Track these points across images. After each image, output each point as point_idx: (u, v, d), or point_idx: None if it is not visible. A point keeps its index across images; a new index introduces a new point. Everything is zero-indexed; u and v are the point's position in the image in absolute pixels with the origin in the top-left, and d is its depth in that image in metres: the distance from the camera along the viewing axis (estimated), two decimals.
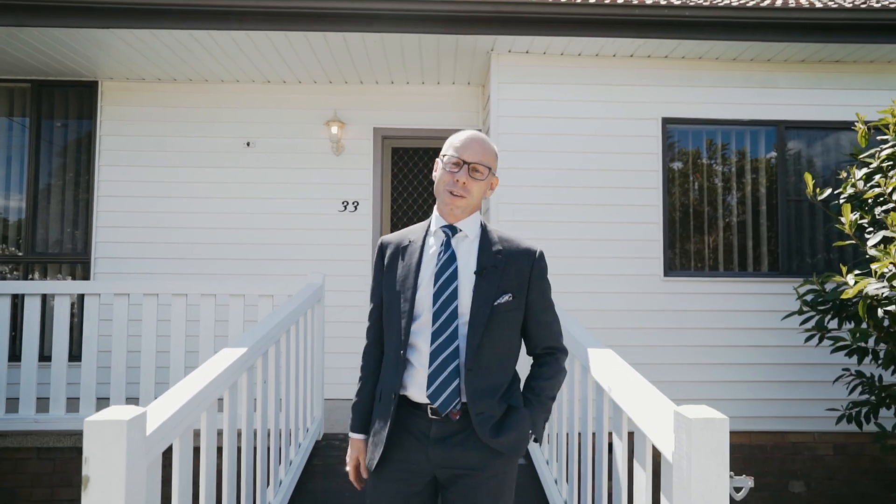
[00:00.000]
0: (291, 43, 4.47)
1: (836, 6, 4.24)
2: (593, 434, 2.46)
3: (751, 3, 4.30)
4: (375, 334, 1.72)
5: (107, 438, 1.37)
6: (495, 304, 1.57)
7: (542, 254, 1.68)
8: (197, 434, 1.91)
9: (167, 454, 1.75)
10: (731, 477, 1.57)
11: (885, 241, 2.26)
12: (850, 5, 4.34)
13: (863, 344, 3.03)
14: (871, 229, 2.60)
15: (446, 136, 5.25)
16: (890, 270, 2.11)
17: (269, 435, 2.87)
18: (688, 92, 4.64)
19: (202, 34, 4.28)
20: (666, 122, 4.64)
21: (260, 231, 5.16)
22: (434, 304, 1.57)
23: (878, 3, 4.49)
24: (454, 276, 1.59)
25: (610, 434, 2.26)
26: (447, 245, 1.62)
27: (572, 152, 4.61)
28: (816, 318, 3.22)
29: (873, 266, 2.23)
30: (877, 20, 4.16)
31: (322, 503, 3.13)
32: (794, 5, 4.26)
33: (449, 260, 1.60)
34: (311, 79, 5.22)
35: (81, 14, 4.04)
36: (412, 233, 1.72)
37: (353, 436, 1.70)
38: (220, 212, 5.17)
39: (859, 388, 3.17)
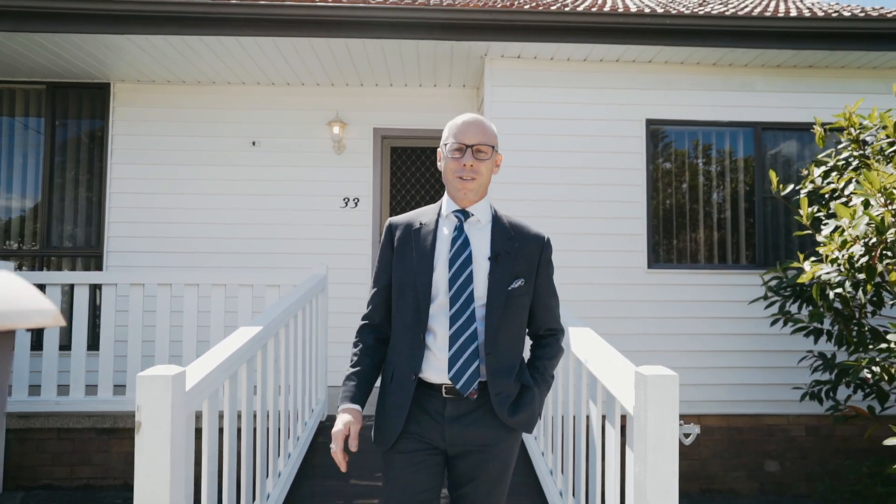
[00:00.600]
0: (296, 48, 4.72)
1: (807, 16, 4.52)
2: (580, 417, 2.73)
3: (728, 13, 4.58)
4: (378, 315, 1.71)
5: (156, 390, 1.63)
6: (509, 289, 1.61)
7: (549, 240, 1.74)
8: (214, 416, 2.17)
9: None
10: (680, 425, 1.83)
11: (836, 230, 2.53)
12: (822, 15, 4.62)
13: (818, 325, 3.32)
14: (827, 221, 2.87)
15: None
16: (836, 255, 2.38)
17: (279, 415, 3.13)
18: (670, 95, 4.92)
19: (212, 39, 4.54)
20: (650, 123, 4.92)
21: (265, 226, 5.41)
22: (450, 288, 1.59)
23: (849, 13, 4.77)
24: (469, 261, 1.60)
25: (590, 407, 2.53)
26: (460, 230, 1.64)
27: (561, 151, 4.88)
28: (779, 302, 3.50)
29: (821, 251, 2.50)
30: (843, 29, 4.45)
31: (325, 475, 3.40)
32: (769, 14, 4.54)
33: (463, 244, 1.62)
34: (314, 81, 5.48)
35: (102, 21, 4.30)
36: (423, 215, 1.72)
37: (348, 405, 1.61)
38: (227, 208, 5.42)
39: (820, 369, 3.45)
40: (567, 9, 4.45)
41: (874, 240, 2.15)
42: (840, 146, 3.04)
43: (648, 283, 4.81)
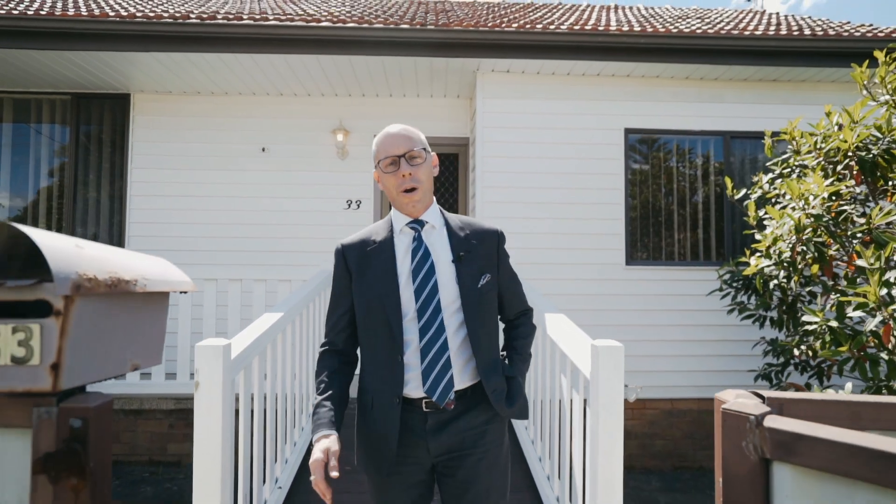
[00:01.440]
0: (304, 63, 5.16)
1: (771, 35, 4.98)
2: (554, 388, 3.18)
3: (699, 31, 5.03)
4: (340, 341, 1.67)
5: (210, 356, 2.06)
6: (479, 286, 1.61)
7: (502, 232, 1.74)
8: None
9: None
10: (626, 387, 2.27)
11: (770, 230, 2.96)
12: (785, 34, 5.08)
13: (763, 312, 3.77)
14: (767, 223, 3.30)
15: (440, 144, 6.08)
16: (770, 251, 2.82)
17: (294, 396, 3.57)
18: (647, 106, 5.37)
19: (229, 56, 4.97)
20: (628, 132, 5.37)
21: (274, 226, 5.85)
22: (417, 300, 1.57)
23: (810, 34, 5.23)
24: (432, 270, 1.59)
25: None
26: (419, 239, 1.62)
27: (547, 157, 5.32)
28: (731, 294, 3.95)
29: (758, 247, 2.94)
30: (800, 48, 4.90)
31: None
32: (735, 34, 5.00)
33: (424, 255, 1.60)
34: (320, 92, 5.92)
35: (129, 40, 4.73)
36: (374, 233, 1.67)
37: (324, 432, 1.49)
38: (239, 209, 5.86)
39: (771, 353, 3.90)
40: (551, 28, 4.89)
41: (794, 238, 2.60)
42: (784, 156, 3.49)
43: (626, 279, 5.27)
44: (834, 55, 5.01)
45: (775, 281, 3.01)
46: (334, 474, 1.39)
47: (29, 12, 4.83)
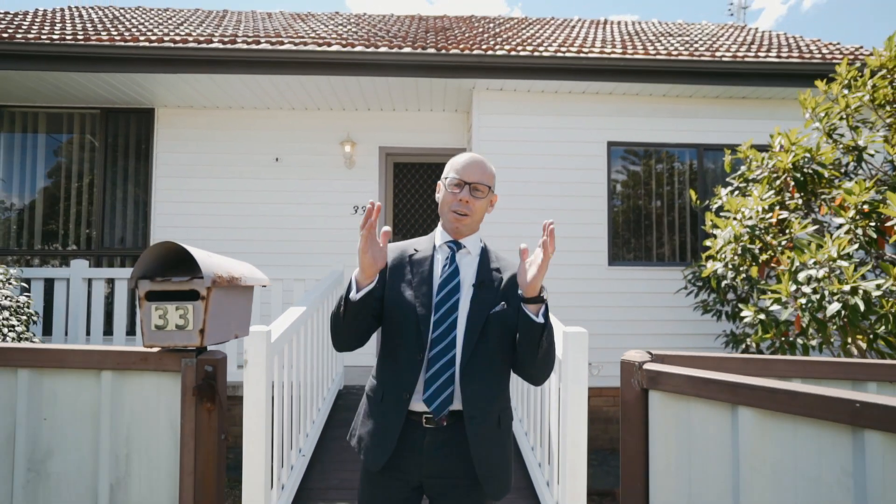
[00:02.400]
0: (315, 82, 5.68)
1: (738, 59, 5.51)
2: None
3: (674, 54, 5.56)
4: None
5: (257, 339, 2.58)
6: (491, 312, 1.62)
7: None
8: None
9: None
10: (589, 365, 2.79)
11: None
12: (751, 59, 5.61)
13: (720, 308, 4.29)
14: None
15: (439, 154, 6.68)
16: (718, 255, 3.33)
17: (313, 382, 4.08)
18: (627, 121, 5.90)
19: (248, 77, 5.49)
20: (610, 144, 5.90)
21: (287, 230, 6.37)
22: (435, 312, 1.61)
23: (776, 56, 5.76)
24: (457, 289, 1.64)
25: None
26: (451, 259, 1.70)
27: (537, 168, 5.85)
28: (694, 291, 4.47)
29: (708, 252, 3.46)
30: (764, 70, 5.43)
31: (344, 425, 4.36)
32: (707, 58, 5.52)
33: (453, 273, 1.66)
34: (329, 107, 6.44)
35: (158, 63, 5.25)
36: (418, 244, 1.77)
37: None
38: (254, 214, 6.37)
39: (730, 344, 4.42)
40: (537, 53, 5.42)
41: (733, 244, 3.11)
42: (741, 171, 4.00)
43: (608, 278, 5.80)
44: (796, 76, 5.54)
45: (726, 280, 3.53)
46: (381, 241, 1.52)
47: (67, 38, 5.35)
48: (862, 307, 2.23)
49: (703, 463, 1.28)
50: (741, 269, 3.20)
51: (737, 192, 4.04)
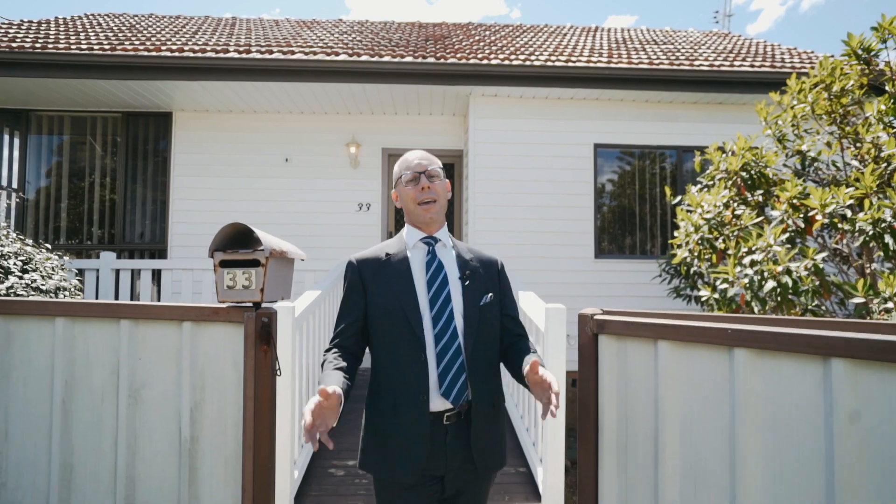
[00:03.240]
0: (324, 89, 6.14)
1: (713, 69, 5.97)
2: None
3: (656, 63, 6.02)
4: (347, 342, 1.70)
5: (284, 313, 3.03)
6: (481, 304, 1.70)
7: (503, 262, 1.86)
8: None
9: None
10: (567, 336, 3.25)
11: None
12: (728, 67, 6.07)
13: (689, 292, 4.76)
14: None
15: (438, 155, 7.17)
16: (684, 244, 3.79)
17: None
18: (613, 124, 6.36)
19: (261, 84, 5.94)
20: (597, 146, 6.36)
21: (295, 225, 6.81)
22: (432, 308, 1.65)
23: (750, 66, 6.23)
24: (445, 281, 1.69)
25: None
26: (433, 254, 1.72)
27: (529, 168, 6.31)
28: (667, 279, 4.93)
29: (673, 242, 3.92)
30: (737, 78, 5.91)
31: (350, 400, 4.80)
32: (685, 67, 5.99)
33: (438, 267, 1.70)
34: (335, 111, 6.89)
35: (180, 71, 5.70)
36: (387, 248, 1.76)
37: (332, 387, 1.41)
38: (265, 211, 6.82)
39: None
40: (528, 62, 5.88)
41: (694, 236, 3.57)
42: (708, 171, 4.46)
43: (595, 270, 6.26)
44: (767, 84, 6.00)
45: (694, 268, 3.99)
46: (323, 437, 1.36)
47: (94, 49, 5.80)
48: (790, 284, 2.69)
49: (635, 384, 1.75)
50: (703, 256, 3.66)
51: (704, 190, 4.51)
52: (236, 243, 1.91)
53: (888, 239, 2.65)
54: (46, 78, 5.73)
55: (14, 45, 5.71)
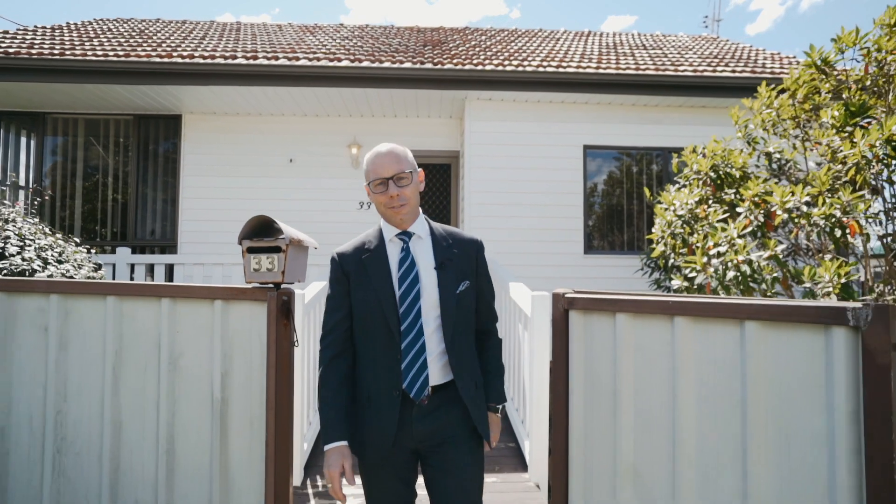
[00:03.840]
0: (327, 93, 6.46)
1: (693, 74, 6.30)
2: (514, 329, 4.48)
3: (643, 68, 6.35)
4: (342, 346, 1.77)
5: (296, 299, 3.34)
6: (457, 292, 1.75)
7: (482, 242, 1.90)
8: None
9: None
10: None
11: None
12: (711, 72, 6.40)
13: (667, 284, 5.09)
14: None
15: (436, 155, 7.53)
16: (660, 238, 4.11)
17: None
18: (602, 127, 6.69)
19: (268, 89, 6.26)
20: (586, 148, 6.69)
21: (300, 223, 7.12)
22: (401, 305, 1.69)
23: (731, 72, 6.56)
24: (416, 280, 1.72)
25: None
26: (407, 250, 1.77)
27: (522, 168, 6.63)
28: (648, 272, 5.26)
29: (651, 237, 4.26)
30: (716, 82, 6.23)
31: None
32: (669, 73, 6.32)
33: (410, 265, 1.74)
34: (337, 113, 7.21)
35: (191, 77, 6.02)
36: (366, 241, 1.82)
37: (338, 444, 1.65)
38: (271, 209, 7.14)
39: None
40: (521, 68, 6.21)
41: (668, 230, 3.89)
42: (684, 172, 4.79)
43: (584, 265, 6.59)
44: (747, 88, 6.33)
45: (671, 261, 4.32)
46: (350, 482, 1.61)
47: (109, 55, 6.11)
48: (749, 272, 3.01)
49: (597, 349, 2.08)
50: (678, 250, 3.99)
51: (681, 189, 4.84)
52: (261, 232, 2.23)
53: (838, 233, 2.98)
54: (65, 83, 6.04)
55: (34, 51, 6.02)
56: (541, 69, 6.21)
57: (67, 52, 6.06)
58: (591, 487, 2.01)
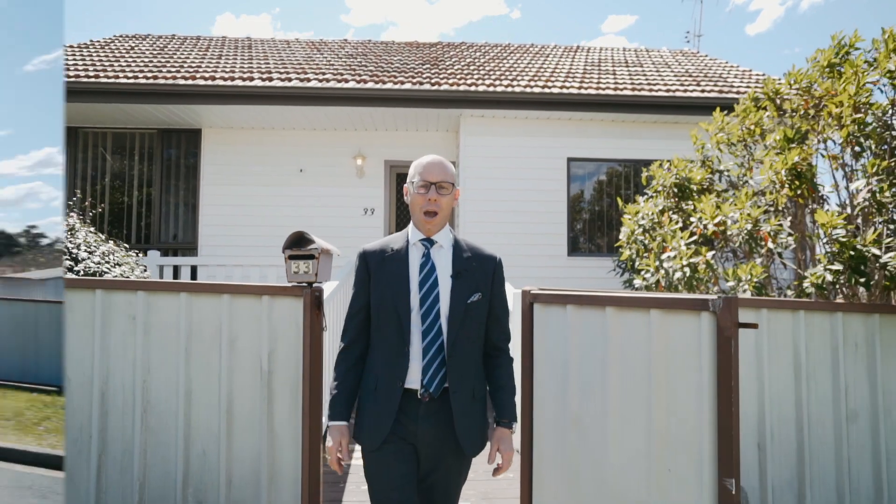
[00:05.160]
0: (334, 110, 7.13)
1: (664, 95, 6.99)
2: None
3: (620, 89, 7.03)
4: (356, 334, 1.92)
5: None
6: (468, 302, 1.82)
7: (500, 259, 1.98)
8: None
9: None
10: None
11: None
12: (682, 92, 7.09)
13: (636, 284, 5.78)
14: None
15: None
16: (627, 245, 4.78)
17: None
18: (583, 141, 7.37)
19: (282, 108, 6.94)
20: (570, 160, 7.38)
21: (308, 228, 7.73)
22: (421, 306, 1.80)
23: (701, 92, 7.25)
24: (436, 283, 1.82)
25: None
26: (427, 255, 1.86)
27: (511, 178, 7.31)
28: (620, 272, 5.95)
29: (619, 244, 4.93)
30: (689, 102, 6.92)
31: None
32: (644, 94, 7.00)
33: (431, 269, 1.84)
34: (343, 128, 7.89)
35: (213, 97, 6.69)
36: (393, 242, 1.93)
37: (338, 423, 1.85)
38: (282, 215, 7.80)
39: None
40: (510, 89, 6.89)
41: (632, 237, 4.56)
42: (652, 185, 5.46)
43: (568, 266, 7.28)
44: (712, 107, 6.97)
45: (637, 263, 5.00)
46: (345, 458, 1.85)
47: (139, 78, 6.78)
48: (688, 273, 3.69)
49: (554, 333, 2.76)
50: (641, 254, 4.67)
51: (649, 199, 5.52)
52: (298, 243, 2.91)
53: (751, 243, 3.67)
54: (99, 103, 6.70)
55: (70, 73, 6.69)
56: (528, 90, 6.89)
57: (101, 76, 6.72)
58: (549, 433, 2.69)
